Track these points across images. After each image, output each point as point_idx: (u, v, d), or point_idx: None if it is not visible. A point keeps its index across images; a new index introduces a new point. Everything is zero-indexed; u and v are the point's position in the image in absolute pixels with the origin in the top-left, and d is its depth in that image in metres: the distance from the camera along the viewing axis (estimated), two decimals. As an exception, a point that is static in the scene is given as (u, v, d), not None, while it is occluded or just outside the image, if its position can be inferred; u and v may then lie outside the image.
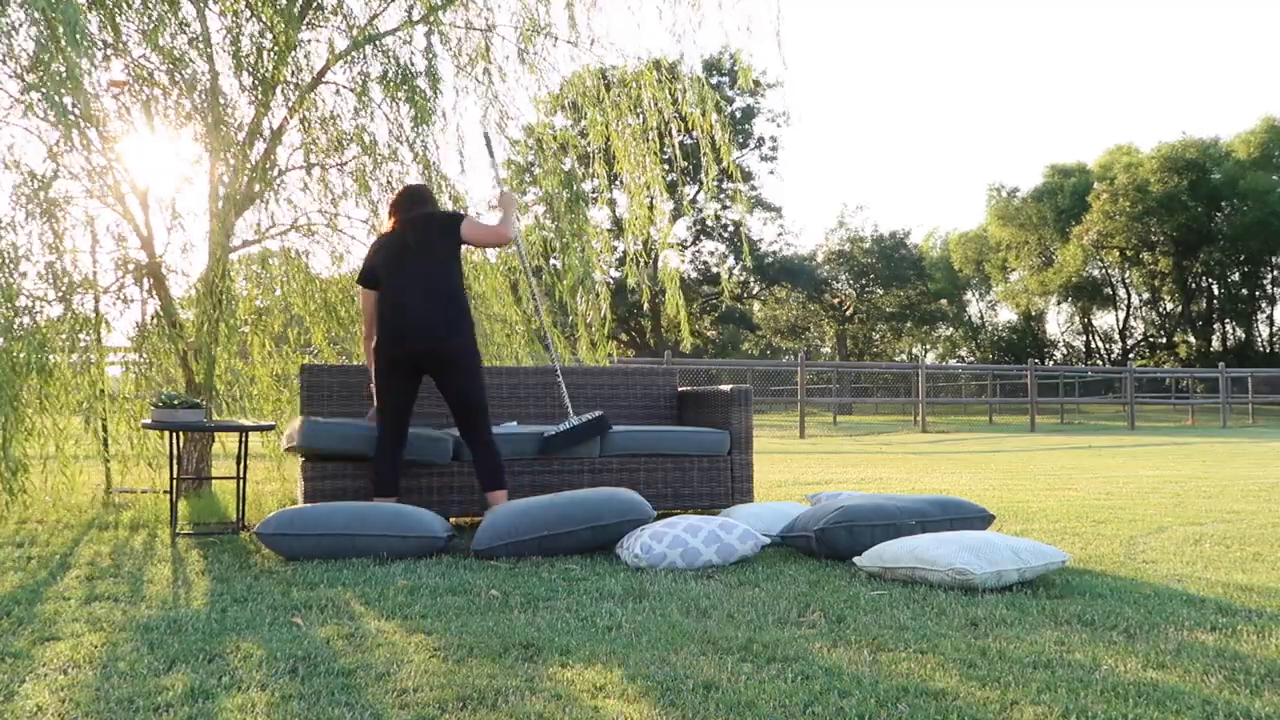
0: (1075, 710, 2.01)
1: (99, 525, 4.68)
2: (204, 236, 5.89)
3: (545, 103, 7.21)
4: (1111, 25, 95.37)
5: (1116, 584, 3.32)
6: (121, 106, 5.66)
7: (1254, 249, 38.83)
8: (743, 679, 2.21)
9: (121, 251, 5.77)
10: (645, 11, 20.56)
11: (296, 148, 6.38)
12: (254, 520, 4.69)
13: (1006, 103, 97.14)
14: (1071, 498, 6.17)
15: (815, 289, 42.13)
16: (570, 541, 3.81)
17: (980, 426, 21.05)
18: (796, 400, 17.95)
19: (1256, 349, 41.31)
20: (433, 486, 4.52)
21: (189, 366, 5.86)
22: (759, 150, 38.78)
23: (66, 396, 5.52)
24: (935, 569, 3.21)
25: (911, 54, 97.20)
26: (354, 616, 2.80)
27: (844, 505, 3.84)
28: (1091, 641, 2.56)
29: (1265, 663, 2.36)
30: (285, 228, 6.37)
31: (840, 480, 7.59)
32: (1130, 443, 14.40)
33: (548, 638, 2.54)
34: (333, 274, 6.65)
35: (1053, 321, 53.97)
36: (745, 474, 5.05)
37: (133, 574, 3.46)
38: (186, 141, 5.89)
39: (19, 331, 4.90)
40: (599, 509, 3.84)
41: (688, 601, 3.00)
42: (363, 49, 6.17)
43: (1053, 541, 4.25)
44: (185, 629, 2.65)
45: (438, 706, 2.02)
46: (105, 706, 2.01)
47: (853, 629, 2.68)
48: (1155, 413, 28.16)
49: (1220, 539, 4.38)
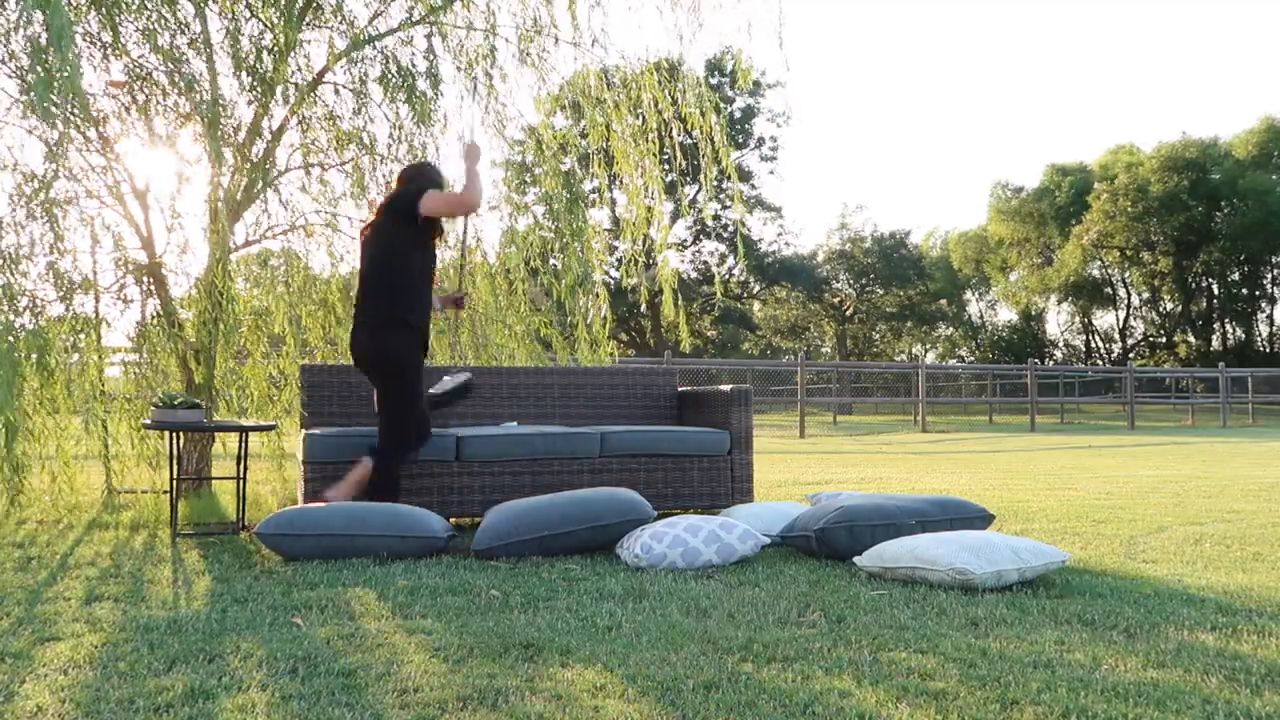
0: (1075, 710, 2.01)
1: (99, 525, 4.68)
2: (203, 236, 5.89)
3: (546, 103, 7.22)
4: (1112, 25, 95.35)
5: (1116, 584, 3.32)
6: (121, 106, 5.66)
7: (1254, 249, 38.83)
8: (743, 679, 2.21)
9: (121, 252, 5.77)
10: (646, 11, 20.55)
11: (296, 148, 6.38)
12: (254, 520, 4.69)
13: (1008, 102, 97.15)
14: (1071, 498, 6.17)
15: (815, 289, 42.13)
16: (570, 541, 3.81)
17: (980, 426, 21.04)
18: (796, 400, 17.95)
19: (1256, 349, 41.31)
20: (433, 487, 4.52)
21: (189, 366, 5.86)
22: (759, 150, 38.78)
23: (68, 397, 5.52)
24: (935, 569, 3.21)
25: (912, 53, 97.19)
26: (354, 616, 2.80)
27: (844, 505, 3.84)
28: (1091, 641, 2.56)
29: (1265, 663, 2.36)
30: (285, 228, 6.37)
31: (840, 480, 7.58)
32: (1130, 442, 14.40)
33: (548, 638, 2.54)
34: (332, 274, 6.65)
35: (1052, 321, 54.00)
36: (745, 474, 5.05)
37: (133, 574, 3.46)
38: (186, 141, 5.89)
39: (20, 331, 4.90)
40: (599, 509, 3.84)
41: (688, 601, 2.99)
42: (362, 49, 6.17)
43: (1053, 541, 4.25)
44: (185, 629, 2.65)
45: (438, 706, 2.02)
46: (105, 706, 2.01)
47: (853, 629, 2.68)
48: (1155, 413, 28.16)
49: (1220, 539, 4.38)
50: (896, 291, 43.10)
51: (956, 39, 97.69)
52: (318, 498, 4.18)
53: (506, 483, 4.62)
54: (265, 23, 5.98)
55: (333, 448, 4.39)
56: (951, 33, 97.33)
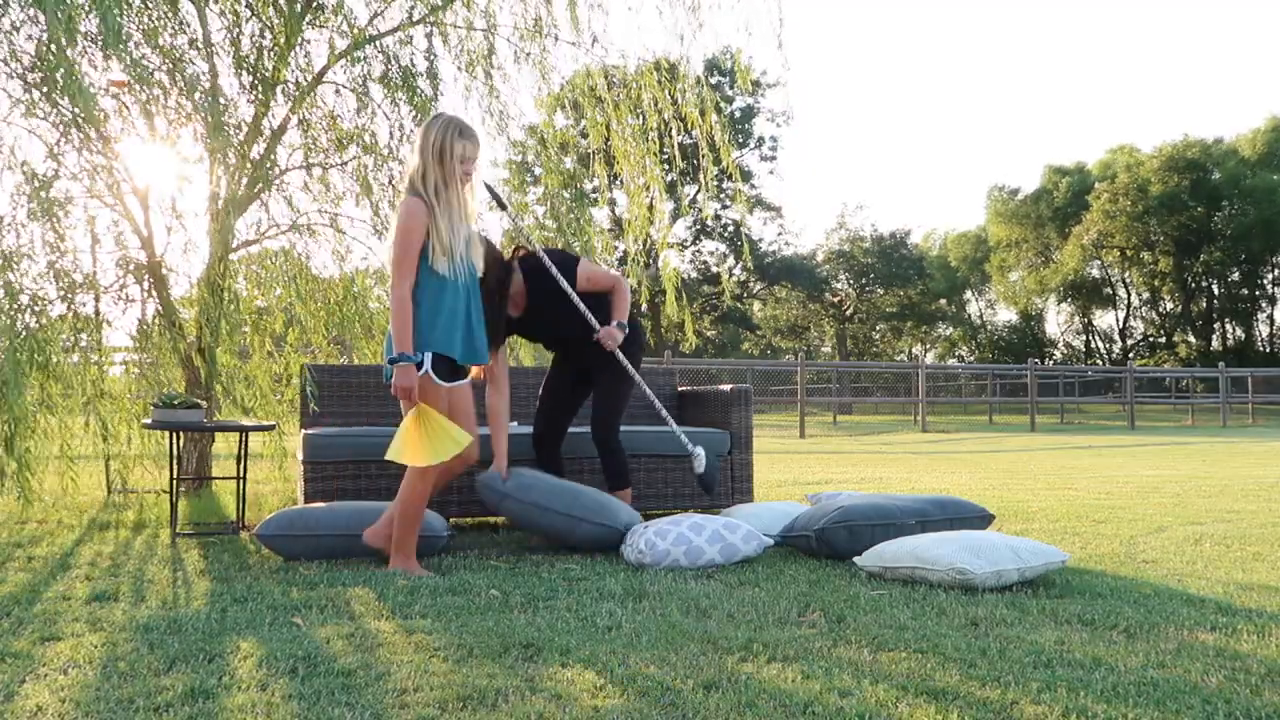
0: (1075, 710, 2.01)
1: (100, 525, 4.68)
2: (204, 236, 5.88)
3: (546, 103, 7.22)
4: (1112, 25, 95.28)
5: (1116, 584, 3.32)
6: (121, 106, 5.65)
7: (1254, 249, 38.85)
8: (743, 679, 2.21)
9: (122, 251, 5.77)
10: (645, 12, 20.53)
11: (297, 147, 6.38)
12: (254, 520, 4.69)
13: (1007, 103, 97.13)
14: (1071, 498, 6.17)
15: (815, 289, 42.13)
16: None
17: (980, 426, 21.04)
18: (796, 400, 17.94)
19: (1256, 349, 41.32)
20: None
21: (189, 366, 5.86)
22: (759, 150, 38.80)
23: (70, 398, 5.52)
24: (935, 569, 3.21)
25: (912, 54, 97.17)
26: (354, 616, 2.80)
27: (844, 505, 3.84)
28: (1091, 641, 2.56)
29: (1265, 662, 2.36)
30: (285, 227, 6.36)
31: (840, 480, 7.58)
32: (1130, 442, 14.40)
33: (548, 638, 2.54)
34: (334, 274, 6.64)
35: (1052, 321, 53.98)
36: (745, 474, 5.05)
37: (133, 574, 3.46)
38: (186, 141, 5.88)
39: (22, 331, 4.90)
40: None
41: (688, 601, 3.00)
42: (363, 49, 6.16)
43: (1053, 541, 4.25)
44: (185, 629, 2.65)
45: (438, 706, 2.02)
46: (105, 706, 2.01)
47: (853, 629, 2.68)
48: (1155, 412, 28.15)
49: (1220, 538, 4.38)
50: (896, 291, 43.10)
51: (956, 40, 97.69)
52: None
53: (507, 482, 4.61)
54: (265, 22, 5.98)
55: (333, 447, 4.38)
56: (951, 33, 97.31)
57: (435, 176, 3.43)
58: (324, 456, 4.36)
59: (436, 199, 3.41)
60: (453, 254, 3.40)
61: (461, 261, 3.45)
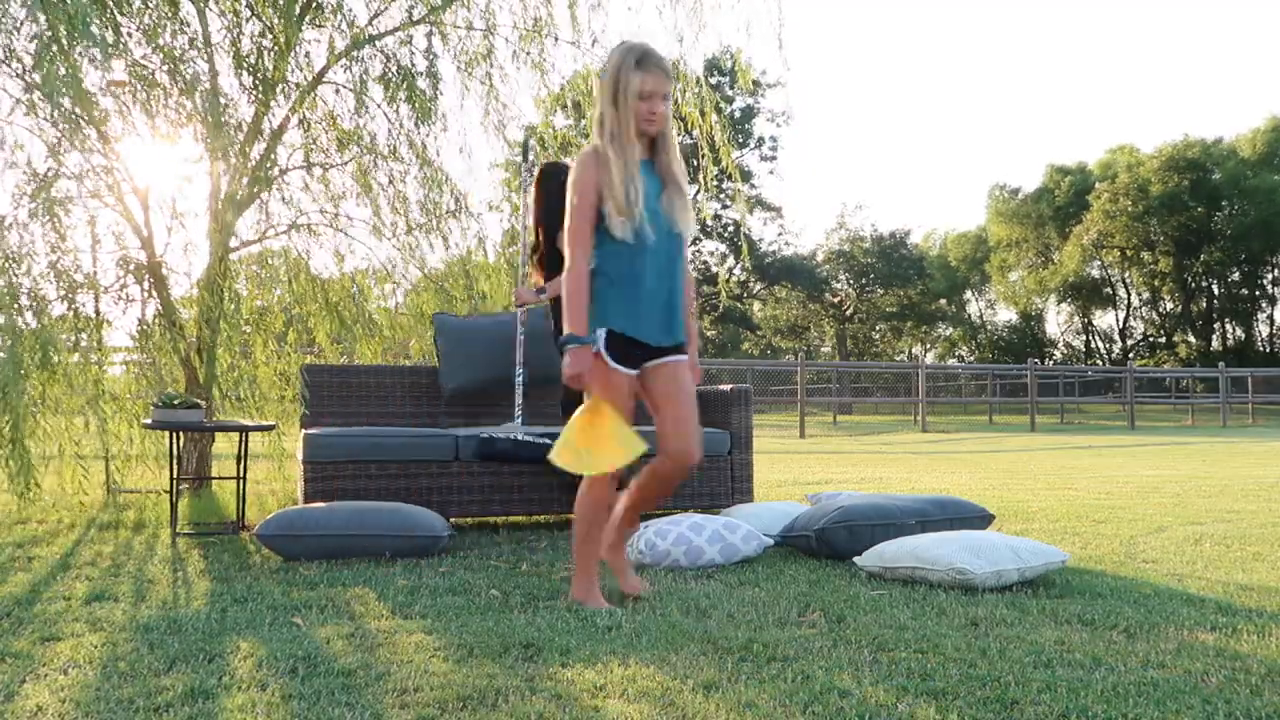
0: (1075, 710, 2.01)
1: (100, 525, 4.68)
2: (204, 236, 5.89)
3: (546, 103, 7.21)
4: (1113, 25, 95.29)
5: (1116, 584, 3.32)
6: (121, 106, 5.66)
7: (1254, 249, 38.84)
8: (743, 679, 2.21)
9: (122, 251, 5.77)
10: (646, 12, 20.50)
11: (297, 147, 6.38)
12: (254, 520, 4.69)
13: (1008, 103, 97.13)
14: (1071, 498, 6.17)
15: (815, 289, 42.13)
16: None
17: (980, 426, 21.05)
18: (796, 400, 17.94)
19: (1256, 349, 41.32)
20: (433, 487, 4.52)
21: (190, 366, 5.86)
22: (759, 150, 38.80)
23: (71, 398, 5.52)
24: (935, 569, 3.21)
25: (912, 54, 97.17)
26: (354, 616, 2.80)
27: (844, 505, 3.84)
28: (1091, 641, 2.56)
29: (1265, 663, 2.36)
30: (286, 227, 6.37)
31: (840, 480, 7.59)
32: (1130, 442, 14.40)
33: (548, 638, 2.54)
34: (334, 273, 6.65)
35: (1052, 321, 54.00)
36: (745, 474, 5.05)
37: (133, 574, 3.46)
38: (187, 141, 5.89)
39: (23, 330, 4.90)
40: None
41: (688, 601, 2.99)
42: (363, 49, 6.17)
43: (1053, 541, 4.25)
44: (185, 629, 2.65)
45: (438, 706, 2.02)
46: (105, 706, 2.01)
47: (853, 629, 2.68)
48: (1155, 412, 28.16)
49: (1220, 538, 4.38)
50: (896, 291, 43.09)
51: (956, 40, 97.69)
52: None
53: (507, 483, 4.62)
54: (265, 22, 5.98)
55: (333, 447, 4.38)
56: (951, 33, 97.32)
57: (610, 120, 2.83)
58: (324, 456, 4.35)
59: (611, 147, 2.81)
60: (632, 213, 2.79)
61: (653, 222, 2.84)
